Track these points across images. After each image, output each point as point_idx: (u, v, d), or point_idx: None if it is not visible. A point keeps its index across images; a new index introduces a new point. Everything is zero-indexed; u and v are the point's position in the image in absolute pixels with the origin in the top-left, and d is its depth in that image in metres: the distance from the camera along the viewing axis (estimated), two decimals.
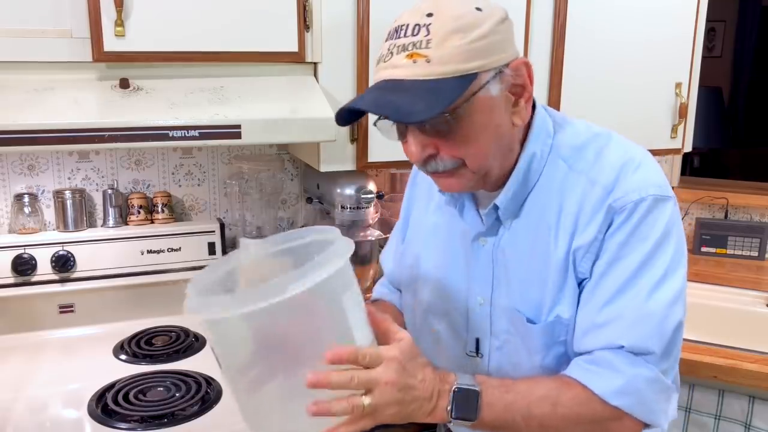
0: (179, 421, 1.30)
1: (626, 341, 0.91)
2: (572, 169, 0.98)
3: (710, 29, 4.30)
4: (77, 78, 1.44)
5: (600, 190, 0.95)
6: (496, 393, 0.91)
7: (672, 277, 0.93)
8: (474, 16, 0.86)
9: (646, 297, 0.92)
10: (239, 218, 1.96)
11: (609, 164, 0.96)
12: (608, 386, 0.91)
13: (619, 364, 0.91)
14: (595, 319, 0.94)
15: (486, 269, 1.05)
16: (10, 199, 1.77)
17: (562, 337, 0.99)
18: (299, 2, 1.53)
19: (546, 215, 0.98)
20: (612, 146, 0.99)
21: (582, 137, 1.01)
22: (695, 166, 4.23)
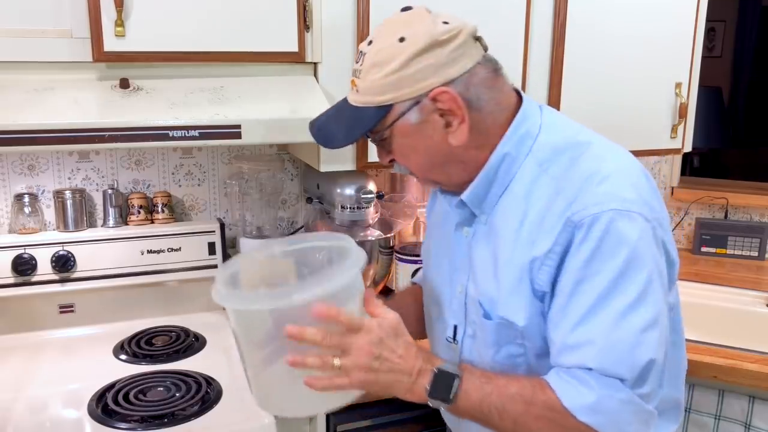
0: (179, 421, 1.30)
1: (595, 365, 0.91)
2: (545, 173, 0.99)
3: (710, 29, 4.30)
4: (77, 78, 1.45)
5: (562, 200, 0.95)
6: (475, 382, 0.95)
7: (644, 301, 0.91)
8: (391, 51, 0.94)
9: (614, 322, 0.91)
10: (239, 218, 1.96)
11: (577, 174, 0.96)
12: (579, 401, 0.91)
13: (592, 382, 0.91)
14: (566, 340, 0.94)
15: (464, 258, 1.10)
16: (10, 199, 1.77)
17: (517, 340, 1.01)
18: (299, 2, 1.53)
19: (511, 217, 1.01)
20: (587, 156, 0.98)
21: (563, 142, 1.01)
22: (695, 166, 4.23)
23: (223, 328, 1.77)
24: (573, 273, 0.93)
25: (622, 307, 0.90)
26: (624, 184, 0.95)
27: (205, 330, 1.74)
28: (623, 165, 0.99)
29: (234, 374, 1.49)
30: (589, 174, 0.95)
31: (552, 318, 0.97)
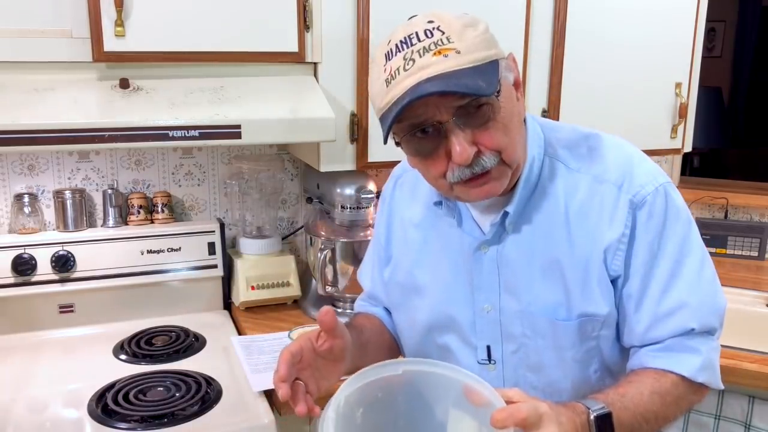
0: (179, 421, 1.30)
1: (696, 324, 0.97)
2: (570, 169, 1.00)
3: (710, 29, 4.30)
4: (77, 78, 1.45)
5: (611, 187, 0.97)
6: (619, 405, 0.92)
7: (706, 254, 1.00)
8: (468, 18, 0.91)
9: (696, 281, 0.97)
10: (239, 218, 1.96)
11: (612, 161, 0.99)
12: (692, 367, 0.96)
13: (694, 344, 0.97)
14: (657, 312, 0.97)
15: (491, 276, 1.04)
16: (10, 199, 1.77)
17: (595, 333, 1.01)
18: (299, 2, 1.53)
19: (552, 216, 0.99)
20: (606, 144, 1.02)
21: (572, 138, 1.03)
22: (695, 166, 4.23)
23: (223, 328, 1.77)
24: (647, 249, 0.97)
25: (696, 265, 0.98)
26: (652, 162, 1.01)
27: (205, 330, 1.74)
28: (634, 146, 1.04)
29: (234, 374, 1.49)
30: (625, 157, 1.00)
31: (631, 297, 0.99)
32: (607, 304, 0.99)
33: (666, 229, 0.97)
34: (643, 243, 0.97)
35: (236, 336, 1.70)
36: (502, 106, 0.90)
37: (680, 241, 0.97)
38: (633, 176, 0.97)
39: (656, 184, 0.97)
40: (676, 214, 0.97)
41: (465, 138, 0.89)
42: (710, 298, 0.99)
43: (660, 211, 0.96)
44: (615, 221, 0.96)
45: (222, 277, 1.86)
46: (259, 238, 1.90)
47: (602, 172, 0.98)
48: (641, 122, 1.92)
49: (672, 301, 0.97)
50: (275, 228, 2.00)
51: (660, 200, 0.97)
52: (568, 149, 1.02)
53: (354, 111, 1.62)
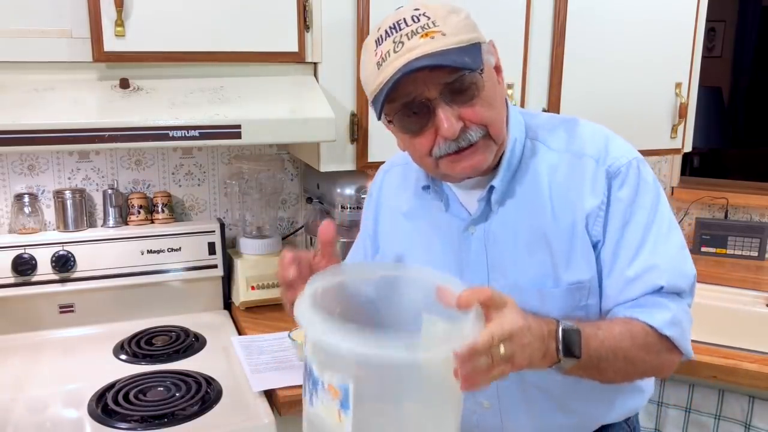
0: (179, 421, 1.30)
1: (665, 282, 1.01)
2: (550, 149, 1.06)
3: (710, 29, 4.30)
4: (77, 78, 1.45)
5: (590, 161, 1.04)
6: (590, 331, 0.95)
7: (674, 223, 1.06)
8: (451, 5, 0.98)
9: (664, 245, 1.02)
10: (239, 218, 1.96)
11: (589, 139, 1.06)
12: (662, 319, 0.99)
13: (663, 300, 1.01)
14: (627, 274, 1.02)
15: (479, 256, 1.08)
16: (10, 199, 1.77)
17: (583, 302, 1.05)
18: (299, 2, 1.53)
19: (536, 193, 1.05)
20: (582, 125, 1.09)
21: (550, 122, 1.11)
22: (695, 166, 4.23)
23: (223, 328, 1.77)
24: (619, 216, 1.02)
25: (664, 231, 1.03)
26: (625, 141, 1.08)
27: (205, 330, 1.74)
28: (609, 130, 1.11)
29: (234, 374, 1.49)
30: (601, 135, 1.06)
31: (605, 262, 1.04)
32: (590, 270, 1.04)
33: (637, 197, 1.02)
34: (616, 210, 1.02)
35: (236, 336, 1.70)
36: (486, 84, 0.97)
37: (649, 210, 1.03)
38: (609, 150, 1.04)
39: (630, 157, 1.04)
40: (646, 185, 1.03)
41: (452, 113, 0.96)
42: (678, 261, 1.03)
43: (632, 182, 1.02)
44: (595, 190, 1.02)
45: (222, 277, 1.86)
46: (259, 238, 1.90)
47: (581, 148, 1.05)
48: (641, 122, 1.92)
49: (641, 264, 1.01)
50: (275, 228, 2.00)
51: (633, 172, 1.03)
52: (548, 131, 1.08)
53: (354, 111, 1.63)
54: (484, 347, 0.81)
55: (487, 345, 0.81)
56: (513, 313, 0.85)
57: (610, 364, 0.97)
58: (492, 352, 0.82)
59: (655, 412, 1.68)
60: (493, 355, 0.82)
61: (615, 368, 0.98)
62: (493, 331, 0.82)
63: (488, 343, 0.81)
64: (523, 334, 0.85)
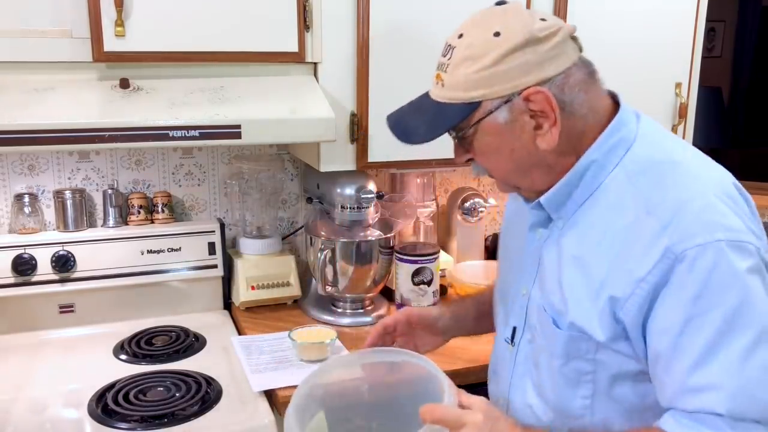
0: (179, 421, 1.30)
1: (725, 410, 0.83)
2: (633, 187, 0.93)
3: (710, 29, 4.30)
4: (77, 78, 1.45)
5: (655, 223, 0.88)
6: None
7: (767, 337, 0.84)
8: (486, 45, 0.90)
9: (740, 363, 0.83)
10: (239, 218, 1.96)
11: (671, 196, 0.89)
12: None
13: (724, 425, 0.84)
14: (686, 382, 0.86)
15: (533, 261, 1.06)
16: (10, 199, 1.77)
17: (588, 355, 0.95)
18: (299, 2, 1.53)
19: (593, 227, 0.96)
20: (679, 174, 0.92)
21: (657, 157, 0.95)
22: None
23: (224, 327, 1.77)
24: (680, 309, 0.85)
25: (744, 345, 0.83)
26: (726, 210, 0.87)
27: (205, 330, 1.74)
28: (720, 187, 0.91)
29: (234, 374, 1.49)
30: (687, 197, 0.88)
31: (659, 357, 0.89)
32: (604, 334, 0.92)
33: (707, 294, 0.83)
34: (674, 301, 0.85)
35: (236, 336, 1.70)
36: (478, 141, 0.95)
37: (728, 314, 0.83)
38: (685, 221, 0.86)
39: (710, 238, 0.83)
40: (726, 281, 0.83)
41: (456, 148, 1.01)
42: (754, 387, 0.83)
43: (704, 270, 0.83)
44: (645, 261, 0.87)
45: (222, 277, 1.86)
46: (259, 238, 1.90)
47: (656, 203, 0.89)
48: None
49: (703, 378, 0.84)
50: (275, 228, 2.00)
51: (708, 258, 0.83)
52: (644, 166, 0.94)
53: (354, 111, 1.62)
54: None
55: None
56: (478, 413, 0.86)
57: None
58: None
59: None
60: None
61: None
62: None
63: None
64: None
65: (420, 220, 2.01)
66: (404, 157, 1.67)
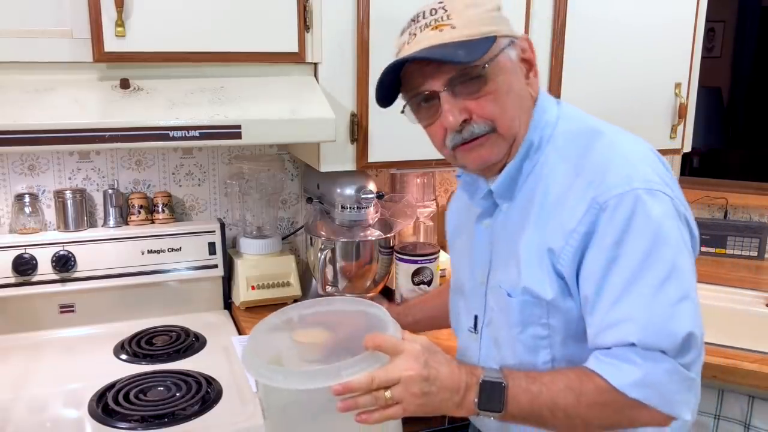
0: (179, 420, 1.31)
1: (636, 339, 0.92)
2: (561, 159, 1.02)
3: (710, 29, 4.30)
4: (78, 78, 1.45)
5: (583, 182, 0.97)
6: (522, 385, 0.95)
7: (675, 275, 0.92)
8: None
9: (650, 297, 0.92)
10: (239, 218, 1.96)
11: (595, 158, 0.99)
12: (626, 379, 0.92)
13: (635, 357, 0.93)
14: (604, 319, 0.95)
15: (485, 250, 1.11)
16: (10, 199, 1.77)
17: (541, 319, 1.01)
18: (299, 2, 1.53)
19: (533, 200, 1.03)
20: (602, 140, 1.01)
21: (578, 129, 1.05)
22: (695, 166, 4.23)
23: (224, 327, 1.77)
24: (603, 254, 0.94)
25: (655, 281, 0.92)
26: (643, 165, 0.97)
27: (205, 330, 1.74)
28: (639, 149, 1.01)
29: (234, 374, 1.49)
30: (608, 156, 0.98)
31: (587, 300, 0.97)
32: (552, 291, 0.99)
33: (626, 238, 0.92)
34: (599, 246, 0.94)
35: (236, 336, 1.70)
36: (494, 79, 0.97)
37: (643, 253, 0.92)
38: (606, 175, 0.95)
39: (627, 188, 0.93)
40: (642, 225, 0.92)
41: (456, 105, 0.98)
42: (663, 319, 0.92)
43: (623, 217, 0.92)
44: (574, 215, 0.96)
45: (222, 277, 1.86)
46: (259, 238, 1.90)
47: (583, 165, 0.99)
48: (641, 122, 1.92)
49: (619, 313, 0.93)
50: (275, 228, 2.00)
51: (626, 205, 0.92)
52: (569, 140, 1.04)
53: (354, 111, 1.63)
54: (360, 387, 0.90)
55: (364, 386, 0.90)
56: (407, 362, 0.91)
57: (547, 420, 0.95)
58: (376, 394, 0.90)
59: None
60: (377, 397, 0.90)
61: (555, 423, 0.96)
62: (375, 375, 0.91)
63: (366, 384, 0.90)
64: (413, 383, 0.91)
65: (420, 220, 2.01)
66: (404, 157, 1.67)
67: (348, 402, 0.90)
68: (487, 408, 0.93)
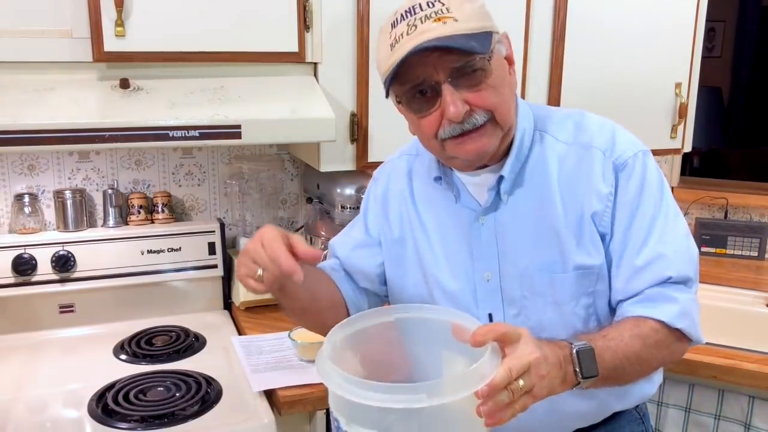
0: (179, 420, 1.31)
1: (673, 272, 1.03)
2: (558, 141, 1.09)
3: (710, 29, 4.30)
4: (77, 78, 1.45)
5: (597, 152, 1.07)
6: (601, 344, 0.96)
7: (678, 210, 1.09)
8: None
9: (670, 233, 1.05)
10: (239, 218, 1.96)
11: (597, 131, 1.09)
12: (671, 312, 1.01)
13: (671, 293, 1.02)
14: (635, 264, 1.04)
15: (490, 245, 1.10)
16: (10, 199, 1.77)
17: (590, 288, 1.07)
18: (299, 2, 1.53)
19: (545, 184, 1.07)
20: (588, 117, 1.12)
21: (558, 114, 1.13)
22: (695, 166, 4.22)
23: (224, 327, 1.77)
24: (627, 208, 1.05)
25: (669, 220, 1.06)
26: (631, 133, 1.12)
27: (205, 330, 1.74)
28: (615, 122, 1.14)
29: (234, 374, 1.49)
30: (608, 128, 1.10)
31: (614, 252, 1.06)
32: (598, 256, 1.06)
33: (643, 189, 1.05)
34: (624, 202, 1.05)
35: (236, 336, 1.70)
36: (494, 71, 1.00)
37: (655, 200, 1.06)
38: (616, 143, 1.07)
39: (635, 150, 1.07)
40: (651, 176, 1.06)
41: (458, 96, 0.99)
42: (684, 248, 1.05)
43: (638, 173, 1.05)
44: (603, 182, 1.05)
45: (222, 277, 1.86)
46: None
47: (589, 140, 1.08)
48: (641, 122, 1.91)
49: (649, 253, 1.04)
50: None
51: (639, 163, 1.06)
52: (556, 123, 1.11)
53: (354, 111, 1.63)
54: (503, 383, 0.83)
55: (506, 380, 0.83)
56: (528, 346, 0.87)
57: (626, 371, 0.99)
58: (511, 386, 0.84)
59: (655, 411, 1.68)
60: (513, 390, 0.84)
61: (631, 372, 1.00)
62: (511, 366, 0.84)
63: (506, 378, 0.83)
64: (540, 366, 0.87)
65: None
66: None
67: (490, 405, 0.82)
68: (588, 375, 0.93)
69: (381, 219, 1.23)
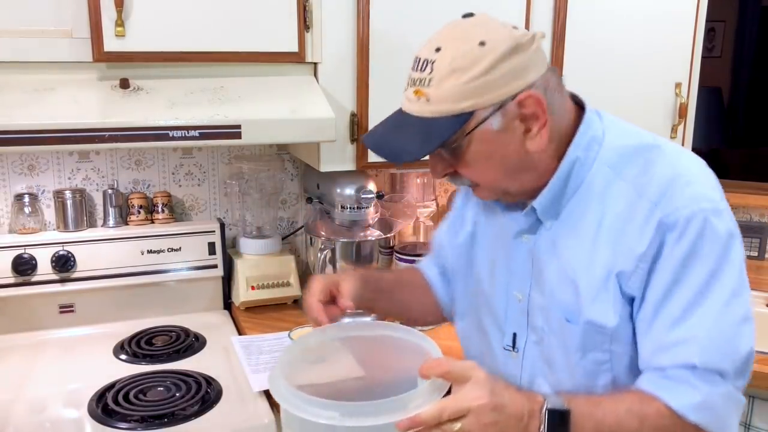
0: (179, 421, 1.31)
1: (699, 361, 0.90)
2: (618, 177, 0.98)
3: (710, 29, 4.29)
4: (77, 78, 1.45)
5: (646, 203, 0.94)
6: (585, 410, 0.90)
7: (739, 294, 0.94)
8: (472, 55, 0.90)
9: (715, 317, 0.91)
10: (239, 218, 1.96)
11: (657, 177, 0.96)
12: (687, 402, 0.90)
13: (695, 381, 0.91)
14: (664, 339, 0.93)
15: (525, 266, 1.06)
16: (10, 199, 1.77)
17: (604, 346, 0.98)
18: (299, 2, 1.53)
19: (586, 220, 0.99)
20: (662, 158, 0.99)
21: (632, 146, 1.01)
22: None
23: (224, 327, 1.77)
24: (668, 274, 0.92)
25: (720, 301, 0.92)
26: (707, 185, 0.97)
27: (205, 330, 1.74)
28: (699, 167, 1.00)
29: (234, 374, 1.49)
30: (672, 176, 0.96)
31: (643, 320, 0.95)
32: (616, 317, 0.96)
33: (695, 256, 0.91)
34: (666, 268, 0.92)
35: (236, 336, 1.70)
36: (469, 150, 0.94)
37: (709, 275, 0.92)
38: (673, 196, 0.93)
39: (695, 208, 0.92)
40: (709, 245, 0.92)
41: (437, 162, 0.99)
42: (727, 339, 0.91)
43: (691, 237, 0.91)
44: (642, 238, 0.93)
45: (222, 277, 1.86)
46: (259, 238, 1.90)
47: (645, 185, 0.96)
48: (641, 122, 1.88)
49: (681, 332, 0.91)
50: (275, 228, 2.00)
51: (695, 226, 0.91)
52: (624, 157, 1.00)
53: (354, 111, 1.63)
54: (429, 421, 0.83)
55: (434, 419, 0.83)
56: (477, 390, 0.85)
57: None
58: (443, 427, 0.83)
59: None
60: (445, 430, 0.83)
61: None
62: (445, 405, 0.84)
63: (434, 418, 0.83)
64: (484, 413, 0.84)
65: (420, 220, 2.01)
66: None
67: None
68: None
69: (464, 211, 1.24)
